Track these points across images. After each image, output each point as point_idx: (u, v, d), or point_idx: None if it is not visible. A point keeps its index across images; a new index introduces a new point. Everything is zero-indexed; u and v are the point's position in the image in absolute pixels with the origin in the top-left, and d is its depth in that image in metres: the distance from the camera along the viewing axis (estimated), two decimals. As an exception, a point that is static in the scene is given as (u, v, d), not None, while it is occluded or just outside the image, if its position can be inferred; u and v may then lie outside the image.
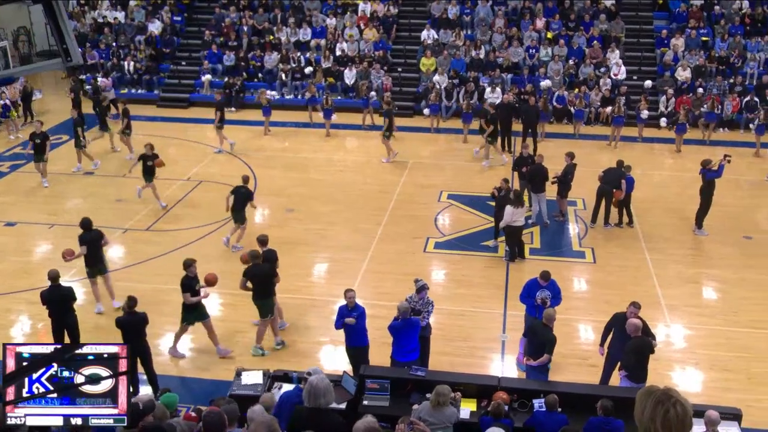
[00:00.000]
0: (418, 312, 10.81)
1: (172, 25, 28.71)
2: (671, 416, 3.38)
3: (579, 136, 22.82)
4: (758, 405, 10.63)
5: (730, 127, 23.53)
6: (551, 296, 11.35)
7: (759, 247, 15.87)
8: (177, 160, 20.56)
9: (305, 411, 6.87)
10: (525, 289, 11.59)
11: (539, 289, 11.40)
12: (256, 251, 12.10)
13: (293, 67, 26.33)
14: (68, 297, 11.45)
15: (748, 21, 26.29)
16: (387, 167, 20.25)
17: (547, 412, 8.73)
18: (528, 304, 11.51)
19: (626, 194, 16.15)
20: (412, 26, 27.96)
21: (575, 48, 25.98)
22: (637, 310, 10.40)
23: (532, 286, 11.50)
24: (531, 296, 11.43)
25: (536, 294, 11.38)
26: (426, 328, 10.99)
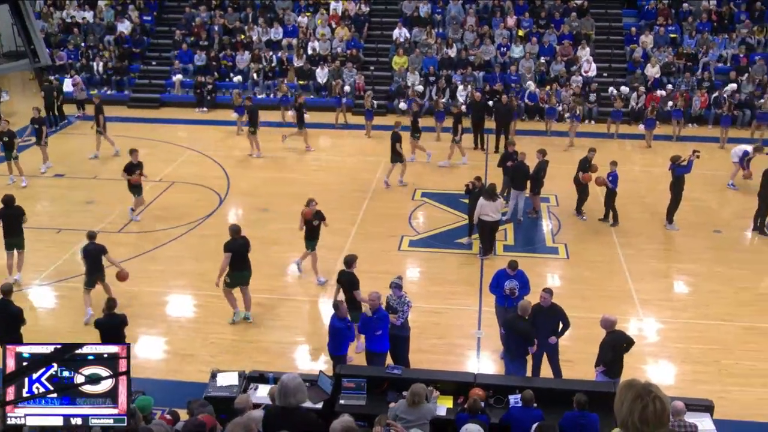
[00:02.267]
0: (395, 310, 10.84)
1: (142, 25, 28.46)
2: (650, 411, 3.42)
3: (551, 132, 22.99)
4: (729, 396, 10.79)
5: (698, 123, 23.85)
6: (519, 286, 11.46)
7: (728, 240, 16.12)
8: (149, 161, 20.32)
9: (277, 410, 6.85)
10: (494, 280, 11.73)
11: (507, 279, 11.53)
12: (235, 225, 12.85)
13: (265, 67, 26.23)
14: (15, 317, 10.83)
15: (714, 18, 26.67)
16: (361, 165, 20.25)
17: (523, 408, 8.79)
18: (497, 294, 11.65)
19: (611, 190, 16.28)
20: (384, 25, 27.98)
21: (546, 46, 26.18)
22: (548, 296, 10.58)
23: (501, 276, 11.63)
24: (500, 286, 11.56)
25: (505, 284, 11.50)
26: (404, 327, 11.01)
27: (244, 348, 12.18)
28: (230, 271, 12.49)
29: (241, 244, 12.54)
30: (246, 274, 12.66)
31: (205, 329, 12.73)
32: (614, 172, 16.13)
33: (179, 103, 25.65)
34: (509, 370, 10.72)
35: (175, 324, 13.03)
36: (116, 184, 18.36)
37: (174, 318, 13.24)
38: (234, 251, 12.38)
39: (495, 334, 11.93)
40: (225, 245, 12.45)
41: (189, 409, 8.34)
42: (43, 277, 14.27)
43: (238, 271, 12.53)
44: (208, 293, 13.68)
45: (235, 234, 12.58)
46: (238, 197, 18.24)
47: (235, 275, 12.53)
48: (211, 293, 13.69)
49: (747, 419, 10.39)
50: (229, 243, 12.47)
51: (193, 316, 13.31)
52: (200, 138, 22.05)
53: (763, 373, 11.53)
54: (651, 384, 3.51)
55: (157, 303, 13.55)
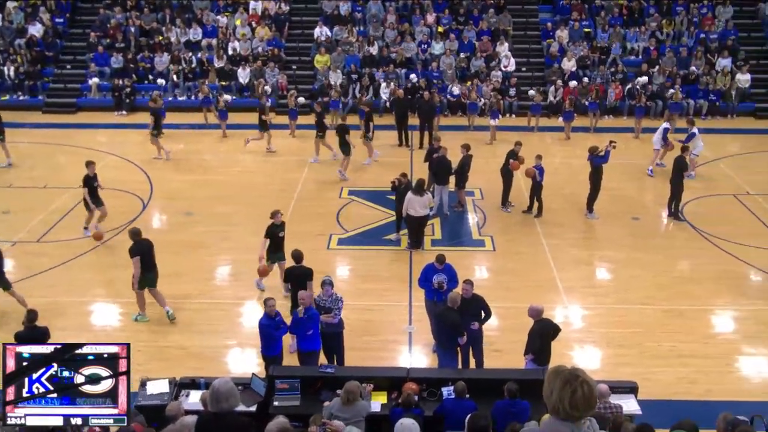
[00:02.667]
0: (328, 310, 10.84)
1: (54, 27, 27.53)
2: (578, 396, 3.55)
3: (474, 127, 23.35)
4: (653, 377, 11.20)
5: (613, 114, 24.63)
6: (448, 279, 11.63)
7: (646, 227, 16.72)
8: (66, 167, 19.80)
9: (209, 416, 6.78)
10: (422, 274, 11.87)
11: (436, 273, 11.69)
12: (136, 228, 12.84)
13: (185, 68, 25.79)
14: None
15: (625, 12, 27.58)
16: (288, 166, 20.15)
17: (456, 399, 8.91)
18: (426, 288, 11.79)
19: (537, 183, 16.63)
20: (305, 23, 27.88)
21: (466, 42, 26.57)
22: (470, 287, 10.78)
23: (429, 271, 11.79)
24: (428, 280, 11.70)
25: (433, 278, 11.65)
26: (339, 325, 11.04)
27: (174, 354, 11.99)
28: (142, 274, 12.55)
29: (146, 246, 12.61)
30: (152, 275, 12.71)
31: (132, 337, 12.40)
32: (540, 166, 16.49)
33: (97, 107, 24.97)
34: (442, 362, 10.88)
35: (101, 333, 12.68)
36: (33, 192, 17.84)
37: (99, 327, 12.92)
38: (141, 254, 12.43)
39: (426, 329, 12.07)
40: (130, 250, 12.44)
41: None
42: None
43: (146, 272, 12.59)
44: (133, 300, 13.40)
45: (137, 237, 12.60)
46: (162, 201, 17.90)
47: (143, 277, 12.57)
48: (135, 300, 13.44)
49: (669, 398, 10.77)
50: (134, 247, 12.48)
51: (119, 324, 13.00)
52: (120, 142, 21.53)
53: (683, 353, 12.00)
54: (577, 369, 3.63)
55: (80, 312, 13.18)
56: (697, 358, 11.90)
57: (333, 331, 10.98)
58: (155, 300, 12.86)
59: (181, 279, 14.13)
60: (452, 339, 10.65)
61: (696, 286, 14.12)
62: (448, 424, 8.71)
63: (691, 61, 25.76)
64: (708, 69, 25.52)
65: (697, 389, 11.11)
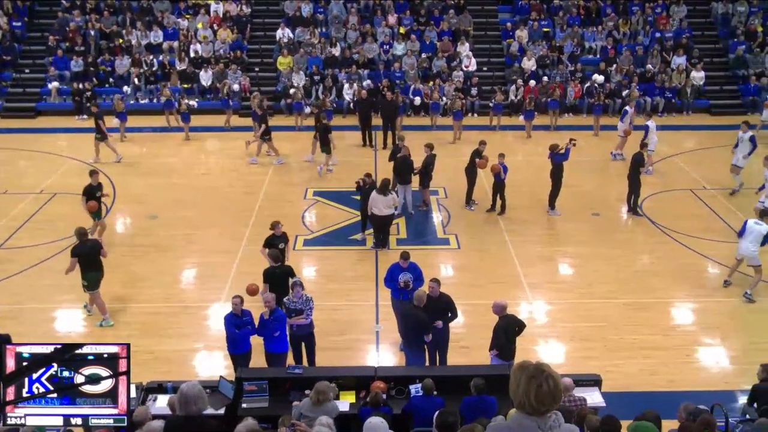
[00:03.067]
0: (300, 311, 10.88)
1: (12, 31, 27.09)
2: (544, 390, 3.62)
3: (436, 127, 23.53)
4: (616, 370, 11.43)
5: (573, 112, 25.02)
6: (413, 278, 11.73)
7: (606, 222, 17.03)
8: (27, 173, 19.56)
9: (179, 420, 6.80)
10: (388, 274, 11.94)
11: (401, 272, 11.78)
12: (81, 228, 12.76)
13: (146, 71, 25.57)
14: None
15: (583, 12, 28.02)
16: (252, 167, 20.12)
17: (424, 396, 9.00)
18: (392, 287, 11.86)
19: (501, 181, 16.80)
20: (267, 25, 27.83)
21: (427, 42, 26.76)
22: (437, 285, 10.86)
23: (394, 270, 11.87)
24: (394, 279, 11.78)
25: (399, 277, 11.74)
26: (310, 325, 11.08)
27: (141, 359, 11.85)
28: (84, 274, 12.53)
29: (90, 247, 12.59)
30: (93, 277, 12.62)
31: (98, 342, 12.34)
32: (503, 164, 16.69)
33: (57, 112, 24.66)
34: (410, 360, 10.97)
35: (65, 340, 12.58)
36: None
37: (64, 333, 12.79)
38: (82, 255, 12.42)
39: (393, 328, 12.17)
40: (72, 250, 12.48)
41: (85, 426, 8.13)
42: None
43: (93, 272, 12.58)
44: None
45: (82, 237, 12.60)
46: (126, 205, 17.75)
47: (90, 276, 12.56)
48: (102, 306, 13.34)
49: (632, 389, 11.00)
50: (77, 247, 12.51)
51: (84, 330, 12.89)
52: (82, 146, 21.25)
53: (645, 345, 12.27)
54: (542, 364, 3.70)
55: (44, 319, 13.04)
56: (659, 350, 12.18)
57: (304, 332, 11.03)
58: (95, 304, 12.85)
59: (146, 283, 14.06)
60: (419, 337, 10.75)
61: (656, 280, 14.44)
62: (417, 421, 8.78)
63: (647, 60, 26.28)
64: (664, 67, 26.03)
65: (659, 380, 11.37)
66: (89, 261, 12.48)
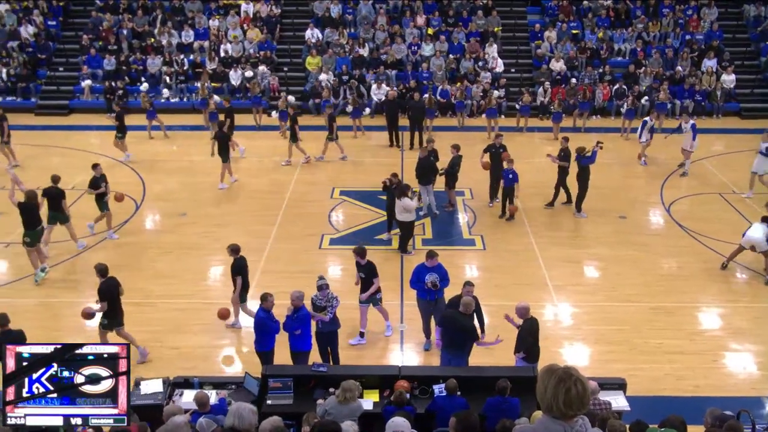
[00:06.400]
0: (322, 308, 10.97)
1: (47, 30, 27.58)
2: (572, 394, 3.62)
3: (462, 128, 23.53)
4: (640, 374, 11.37)
5: (601, 115, 24.88)
6: (440, 278, 11.73)
7: (632, 225, 16.92)
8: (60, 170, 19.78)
9: None
10: (414, 275, 11.91)
11: (428, 273, 11.75)
12: (32, 191, 14.28)
13: (177, 70, 25.87)
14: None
15: (612, 14, 27.83)
16: (279, 167, 20.26)
17: (448, 397, 9.00)
18: (418, 288, 11.84)
19: (508, 187, 16.73)
20: (296, 26, 28.01)
21: (455, 43, 26.75)
22: (471, 288, 10.85)
23: (421, 271, 11.84)
24: (421, 280, 11.75)
25: (426, 278, 11.72)
26: (334, 323, 11.15)
27: (167, 354, 12.09)
28: (26, 231, 13.95)
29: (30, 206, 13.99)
30: (39, 231, 14.18)
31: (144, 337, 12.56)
32: (513, 170, 16.53)
33: (89, 109, 25.02)
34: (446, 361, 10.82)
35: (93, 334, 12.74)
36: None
37: (91, 328, 12.98)
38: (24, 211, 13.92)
39: (417, 327, 12.22)
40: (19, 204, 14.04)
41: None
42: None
43: (31, 230, 13.99)
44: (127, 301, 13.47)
45: (30, 200, 14.05)
46: (155, 203, 17.99)
47: (30, 233, 13.98)
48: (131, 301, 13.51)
49: (657, 394, 10.97)
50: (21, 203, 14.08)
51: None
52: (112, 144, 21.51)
53: (670, 350, 12.20)
54: (570, 368, 3.70)
55: (75, 313, 13.24)
56: (685, 354, 12.09)
57: (328, 330, 11.12)
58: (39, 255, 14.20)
59: (172, 279, 14.24)
60: (461, 343, 10.62)
61: (683, 283, 14.34)
62: (440, 421, 8.81)
63: (677, 62, 26.03)
64: (694, 70, 25.78)
65: (685, 385, 11.29)
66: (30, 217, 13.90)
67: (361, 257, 12.10)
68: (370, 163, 20.47)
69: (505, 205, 17.00)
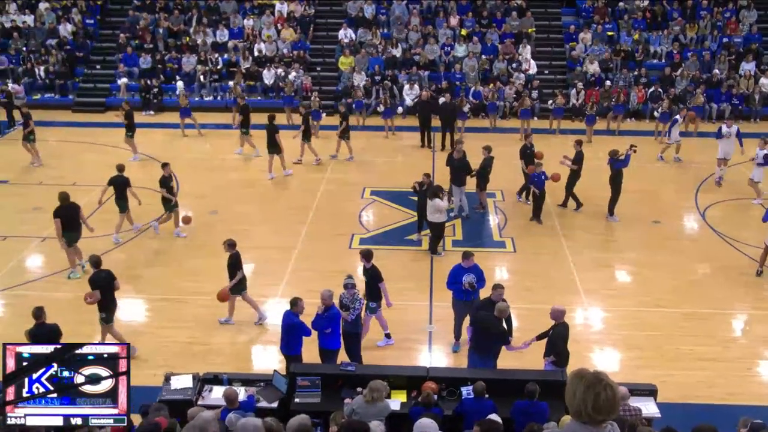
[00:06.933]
0: (346, 307, 11.00)
1: (85, 29, 28.04)
2: (602, 399, 3.56)
3: (494, 129, 23.44)
4: (671, 380, 11.23)
5: (636, 117, 24.60)
6: (476, 279, 11.70)
7: (665, 230, 16.72)
8: (95, 166, 20.16)
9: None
10: (451, 276, 11.87)
11: (465, 273, 11.73)
12: (64, 192, 14.44)
13: (211, 69, 26.12)
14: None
15: (648, 16, 27.50)
16: (310, 166, 20.35)
17: (475, 399, 8.99)
18: (455, 289, 11.81)
19: (540, 191, 16.64)
20: (330, 26, 28.11)
21: (489, 44, 26.65)
22: (501, 291, 10.75)
23: (458, 272, 11.81)
24: (458, 281, 11.72)
25: (463, 279, 11.69)
26: (356, 324, 11.17)
27: (197, 350, 12.20)
28: (64, 232, 14.10)
29: (71, 208, 14.20)
30: (76, 234, 14.36)
31: (157, 333, 12.72)
32: (543, 172, 16.45)
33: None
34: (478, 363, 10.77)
35: (126, 329, 12.93)
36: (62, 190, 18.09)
37: (125, 323, 13.17)
38: (62, 216, 14.03)
39: (446, 329, 12.19)
40: (54, 212, 14.03)
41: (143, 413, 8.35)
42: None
43: (71, 232, 14.23)
44: (159, 297, 13.70)
45: (65, 201, 14.18)
46: (187, 200, 18.14)
47: (69, 235, 14.19)
48: (162, 297, 13.74)
49: (688, 401, 10.82)
50: (58, 210, 14.05)
51: (145, 320, 13.28)
52: (147, 141, 21.82)
53: (702, 356, 12.04)
54: (600, 372, 3.65)
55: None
56: (717, 361, 11.93)
57: (350, 331, 11.14)
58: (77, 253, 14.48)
59: (204, 276, 14.35)
60: (491, 346, 10.60)
61: (716, 289, 14.13)
62: (467, 423, 8.78)
63: (714, 65, 25.65)
64: (732, 73, 25.37)
65: (717, 393, 11.14)
66: (69, 221, 14.08)
67: (366, 260, 12.04)
68: (401, 164, 20.47)
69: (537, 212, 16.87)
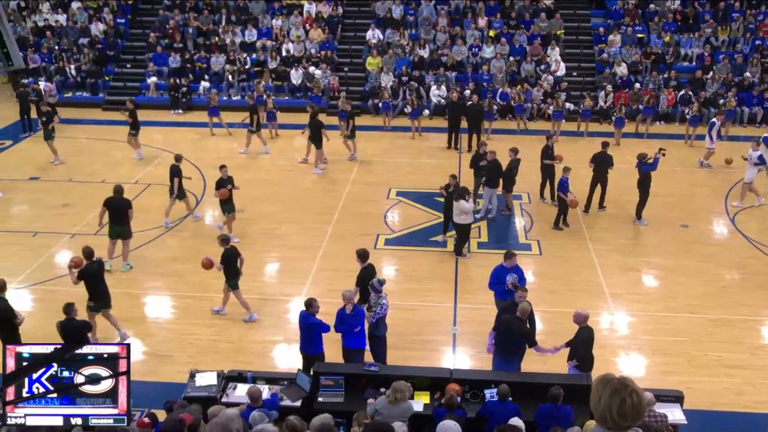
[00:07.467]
0: (370, 308, 11.02)
1: (116, 28, 28.37)
2: (627, 405, 3.52)
3: (522, 131, 23.34)
4: (698, 387, 11.10)
5: (665, 121, 24.33)
6: (518, 279, 11.72)
7: (694, 234, 16.51)
8: (124, 164, 20.42)
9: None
10: (493, 276, 11.89)
11: (507, 273, 11.76)
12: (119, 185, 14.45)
13: (239, 68, 26.29)
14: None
15: (679, 18, 27.20)
16: (335, 166, 20.39)
17: (499, 402, 8.96)
18: (498, 290, 11.84)
19: (566, 197, 16.46)
20: (357, 26, 28.16)
21: (517, 46, 26.51)
22: (525, 293, 10.75)
23: (500, 272, 11.85)
24: (501, 282, 11.74)
25: (506, 278, 11.72)
26: (380, 327, 11.14)
27: (222, 348, 12.29)
28: (110, 224, 14.21)
29: (120, 202, 14.20)
30: (122, 229, 14.28)
31: (183, 330, 12.83)
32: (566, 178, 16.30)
33: (154, 105, 25.56)
34: (502, 366, 10.74)
35: (153, 325, 13.10)
36: (91, 187, 18.37)
37: (151, 319, 13.32)
38: (110, 207, 14.10)
39: (471, 331, 12.14)
40: (105, 201, 14.18)
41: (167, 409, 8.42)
42: (19, 281, 14.25)
43: (117, 225, 14.20)
44: (185, 294, 13.81)
45: (118, 194, 14.24)
46: (214, 198, 18.24)
47: (113, 228, 14.22)
48: (189, 294, 13.84)
49: (715, 408, 10.67)
50: (109, 199, 14.19)
51: (171, 317, 13.39)
52: (175, 140, 22.03)
53: (729, 364, 11.87)
54: (626, 378, 3.60)
55: (134, 305, 13.60)
56: (745, 369, 11.76)
57: (373, 333, 11.13)
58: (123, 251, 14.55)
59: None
60: (516, 349, 10.58)
61: (745, 296, 13.93)
62: (491, 426, 8.76)
63: (746, 68, 25.29)
64: (765, 76, 25.00)
65: (744, 400, 10.98)
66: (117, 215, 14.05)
67: (361, 261, 12.04)
68: (428, 165, 20.45)
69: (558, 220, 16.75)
